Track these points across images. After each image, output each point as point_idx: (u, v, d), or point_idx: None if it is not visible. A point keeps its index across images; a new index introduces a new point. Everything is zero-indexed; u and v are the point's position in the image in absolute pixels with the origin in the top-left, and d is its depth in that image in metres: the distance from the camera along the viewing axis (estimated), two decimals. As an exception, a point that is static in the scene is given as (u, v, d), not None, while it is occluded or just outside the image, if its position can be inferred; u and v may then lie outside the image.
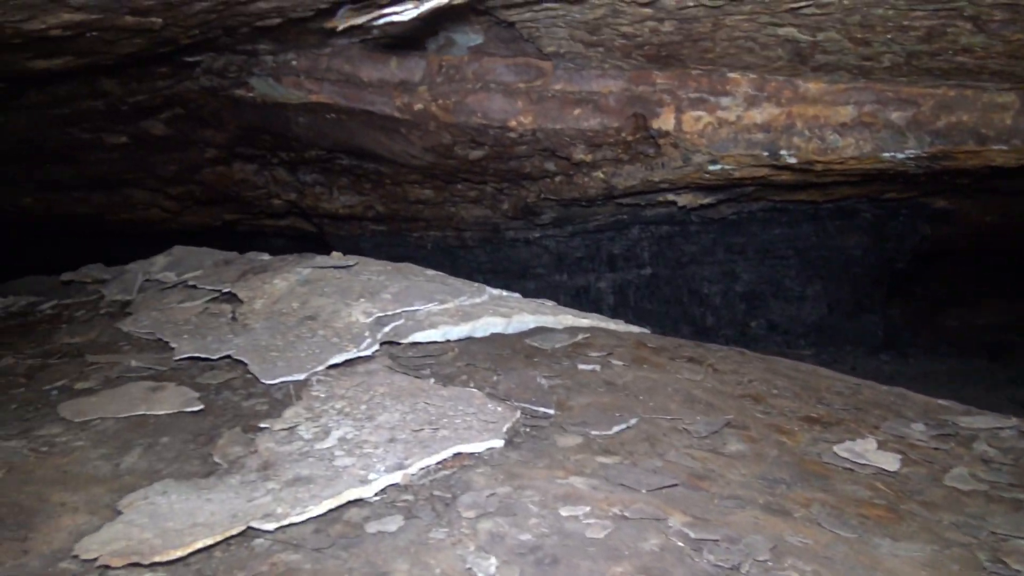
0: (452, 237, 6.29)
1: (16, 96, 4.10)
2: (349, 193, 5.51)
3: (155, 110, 4.51)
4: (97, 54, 3.16)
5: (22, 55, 2.97)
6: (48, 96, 4.24)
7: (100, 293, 3.62)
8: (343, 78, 3.88)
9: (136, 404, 2.28)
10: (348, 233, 6.44)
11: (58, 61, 3.21)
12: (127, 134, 4.79)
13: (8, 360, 2.80)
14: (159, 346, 2.80)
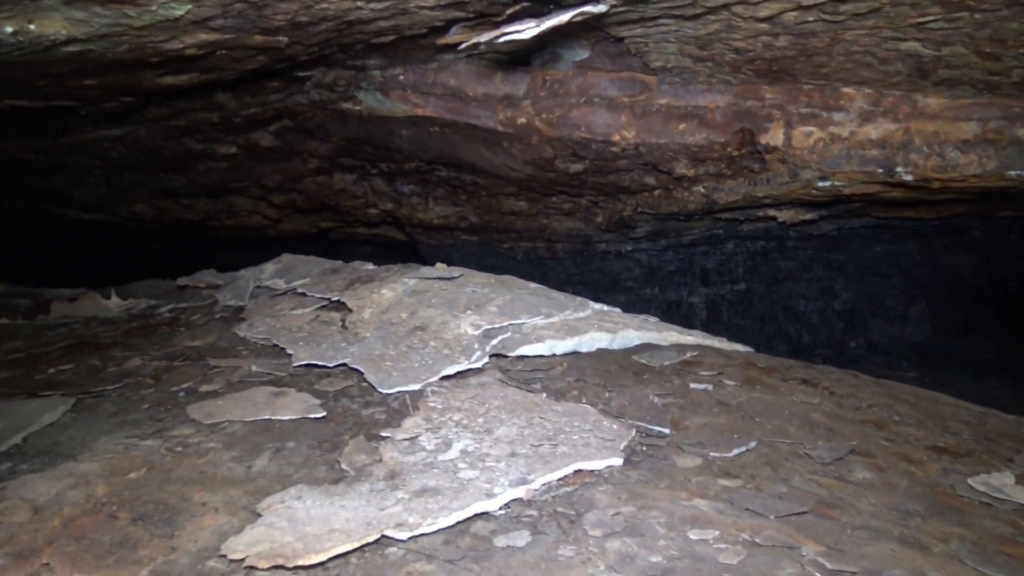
0: (543, 248, 6.31)
1: (140, 110, 4.31)
2: (444, 204, 5.59)
3: (265, 122, 4.68)
4: (221, 70, 3.29)
5: (154, 72, 3.13)
6: (168, 109, 4.46)
7: (214, 298, 3.76)
8: (448, 92, 3.95)
9: (261, 409, 2.36)
10: (439, 243, 6.53)
11: (184, 78, 3.36)
12: (237, 145, 4.98)
13: (136, 361, 2.94)
14: (276, 352, 2.89)
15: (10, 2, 1.93)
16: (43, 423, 2.38)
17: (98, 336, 3.39)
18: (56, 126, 4.62)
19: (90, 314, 3.85)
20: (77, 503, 1.85)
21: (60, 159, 5.18)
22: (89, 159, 5.19)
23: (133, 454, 2.11)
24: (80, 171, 5.43)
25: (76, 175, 5.54)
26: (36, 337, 3.45)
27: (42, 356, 3.13)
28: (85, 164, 5.30)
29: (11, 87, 2.97)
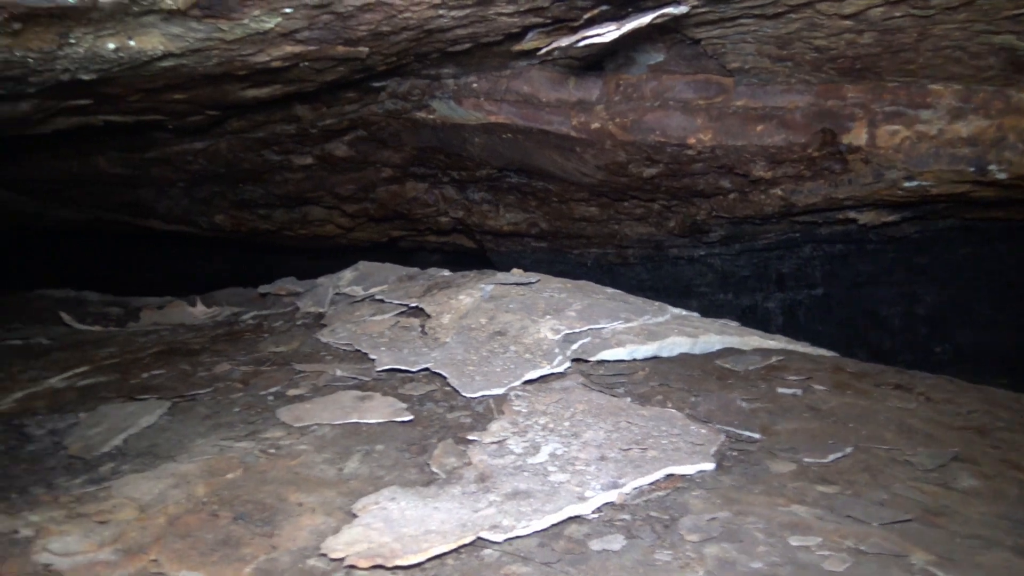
0: (613, 254, 6.27)
1: (221, 123, 4.44)
2: (515, 210, 5.61)
3: (340, 133, 4.77)
4: (302, 82, 3.37)
5: (239, 85, 3.22)
6: (247, 122, 4.58)
7: (295, 305, 3.84)
8: (521, 99, 3.97)
9: (348, 412, 2.40)
10: (509, 250, 6.55)
11: (266, 90, 3.45)
12: (313, 156, 5.09)
13: (224, 366, 3.02)
14: (358, 357, 2.94)
15: (113, 20, 2.02)
16: (142, 425, 2.47)
17: (187, 342, 3.49)
18: (143, 140, 4.79)
19: (177, 321, 3.98)
20: (179, 502, 1.91)
21: (146, 172, 5.37)
22: (172, 172, 5.37)
23: (229, 455, 2.17)
24: (164, 183, 5.63)
25: (160, 187, 5.74)
26: (129, 343, 3.57)
27: (136, 361, 3.24)
28: (168, 177, 5.48)
29: (107, 103, 3.10)
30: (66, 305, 4.68)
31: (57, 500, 2.01)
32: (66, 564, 1.68)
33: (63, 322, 4.12)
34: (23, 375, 3.20)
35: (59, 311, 4.33)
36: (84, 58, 2.19)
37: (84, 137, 4.40)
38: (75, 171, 5.36)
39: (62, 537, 1.76)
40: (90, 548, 1.72)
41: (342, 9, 2.26)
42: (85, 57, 2.19)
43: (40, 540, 1.76)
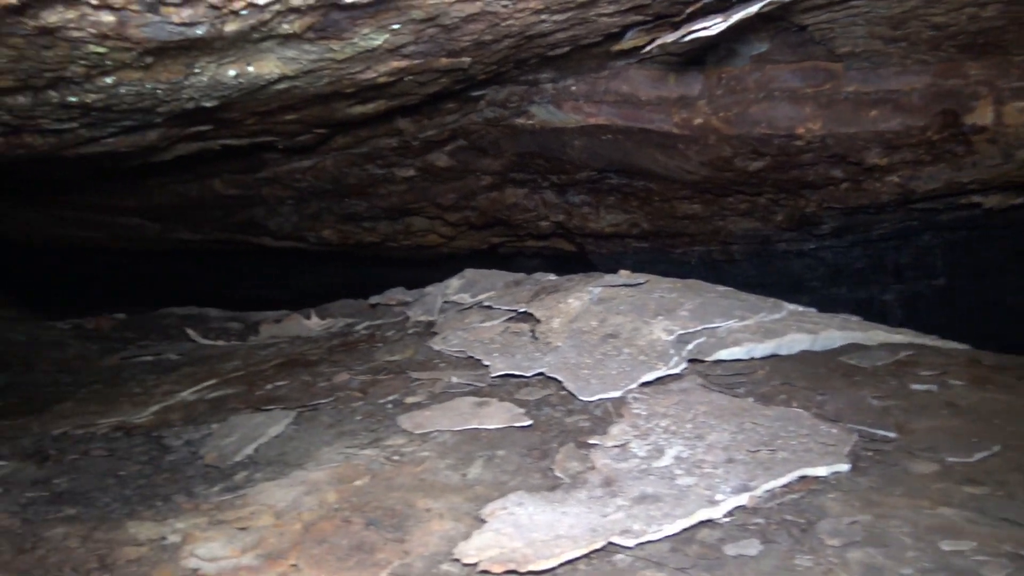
0: (717, 251, 6.14)
1: (327, 141, 4.58)
2: (615, 212, 5.57)
3: (441, 143, 4.84)
4: (405, 96, 3.44)
5: (346, 103, 3.31)
6: (352, 138, 4.70)
7: (405, 314, 3.91)
8: (621, 98, 3.94)
9: (467, 418, 2.42)
10: (609, 251, 6.50)
11: (371, 106, 3.54)
12: (415, 167, 5.19)
13: (343, 376, 3.10)
14: (472, 364, 2.96)
15: (235, 48, 2.11)
16: (270, 435, 2.56)
17: (305, 354, 3.60)
18: (255, 162, 4.99)
19: (294, 334, 4.11)
20: (313, 509, 1.97)
21: (258, 192, 5.60)
22: (282, 190, 5.58)
23: (355, 463, 2.22)
24: (274, 202, 5.85)
25: (270, 206, 5.97)
26: (251, 357, 3.72)
27: (259, 374, 3.36)
28: (278, 195, 5.70)
29: (225, 127, 3.24)
30: (190, 321, 4.92)
31: (198, 507, 2.10)
32: (212, 569, 1.76)
33: (189, 338, 4.33)
34: (157, 389, 3.37)
35: (185, 327, 4.56)
36: (207, 86, 2.31)
37: (201, 162, 4.62)
38: (193, 195, 5.64)
39: (207, 543, 1.84)
40: (233, 553, 1.79)
41: (447, 21, 2.29)
42: (208, 85, 2.30)
43: (187, 546, 1.84)
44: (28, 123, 2.47)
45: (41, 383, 3.83)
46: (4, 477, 2.46)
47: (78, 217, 6.42)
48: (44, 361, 4.28)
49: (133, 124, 2.67)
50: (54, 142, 2.72)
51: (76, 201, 5.95)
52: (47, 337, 4.66)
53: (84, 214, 6.32)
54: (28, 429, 3.01)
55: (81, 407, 3.22)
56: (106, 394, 3.40)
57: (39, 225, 6.42)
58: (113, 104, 2.35)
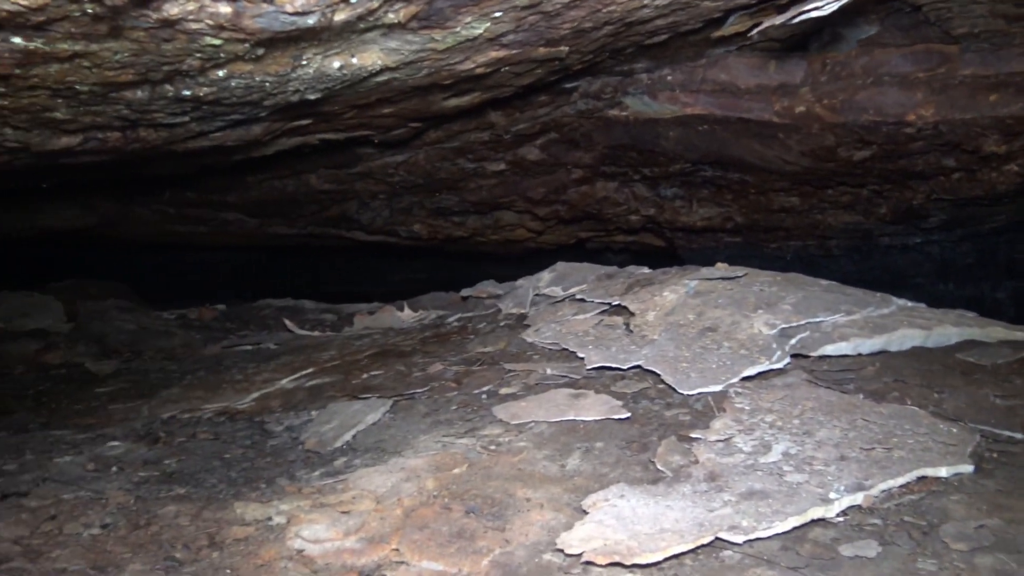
0: (814, 246, 5.94)
1: (420, 135, 4.63)
2: (708, 205, 5.45)
3: (532, 137, 4.84)
4: (500, 88, 3.44)
5: (442, 95, 3.34)
6: (444, 133, 4.75)
7: (496, 307, 3.92)
8: (719, 87, 3.84)
9: (563, 410, 2.40)
10: (700, 246, 6.37)
11: (466, 99, 3.55)
12: (505, 161, 5.20)
13: (437, 366, 3.12)
14: (566, 356, 2.94)
15: (340, 39, 2.15)
16: (368, 422, 2.60)
17: (398, 345, 3.65)
18: (350, 157, 5.09)
19: (387, 325, 4.17)
20: (412, 495, 1.98)
21: (351, 187, 5.72)
22: (375, 185, 5.68)
23: (452, 451, 2.23)
24: (367, 196, 5.97)
25: (363, 200, 6.09)
26: (346, 347, 3.78)
27: (355, 363, 3.42)
28: (371, 190, 5.80)
29: (324, 121, 3.31)
30: (287, 313, 5.05)
31: (301, 491, 2.14)
32: (316, 550, 1.79)
33: (287, 328, 4.45)
34: (257, 376, 3.47)
35: (282, 318, 4.69)
36: (312, 78, 2.36)
37: (298, 157, 4.75)
38: (290, 190, 5.79)
39: (311, 525, 1.88)
40: (337, 536, 1.82)
41: (549, 8, 2.27)
42: (313, 77, 2.35)
43: (292, 527, 1.88)
44: (144, 117, 2.57)
45: (149, 369, 3.99)
46: (118, 457, 2.57)
47: (181, 213, 6.69)
48: (151, 349, 4.47)
49: (240, 118, 2.75)
50: (166, 136, 2.83)
51: (180, 198, 6.20)
52: (154, 326, 4.86)
53: (187, 210, 6.59)
54: (139, 412, 3.15)
55: (187, 392, 3.34)
56: (210, 381, 3.51)
57: (147, 221, 6.71)
58: (223, 97, 2.42)
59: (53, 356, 4.35)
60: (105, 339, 4.58)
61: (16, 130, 2.43)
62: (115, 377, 3.84)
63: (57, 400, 3.49)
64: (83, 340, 4.54)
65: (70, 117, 2.41)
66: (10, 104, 2.18)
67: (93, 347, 4.46)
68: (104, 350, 4.45)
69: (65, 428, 3.02)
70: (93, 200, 6.21)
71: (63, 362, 4.27)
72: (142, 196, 6.26)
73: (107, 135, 2.65)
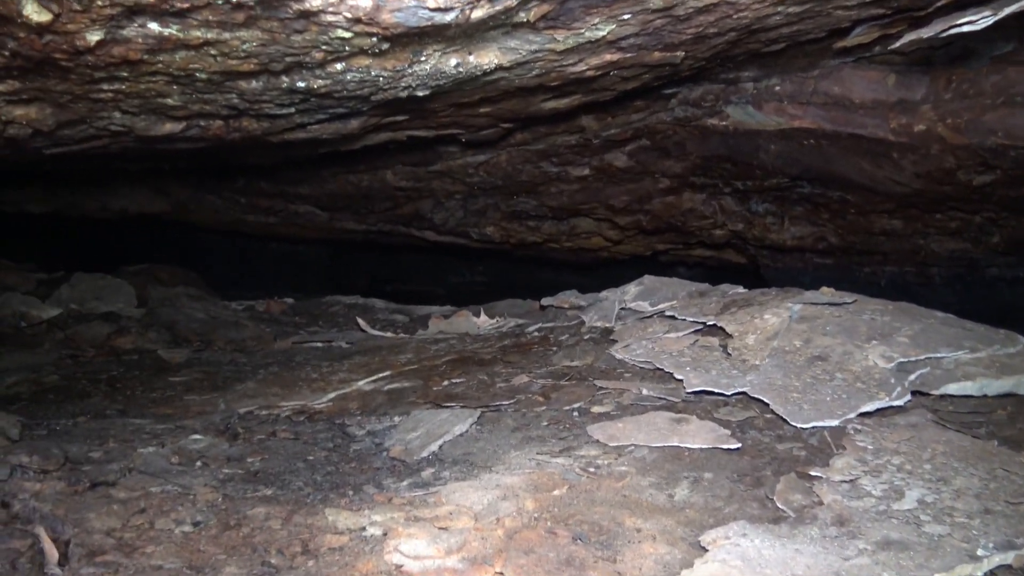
0: (912, 273, 5.76)
1: (508, 136, 4.62)
2: (802, 223, 5.33)
3: (622, 143, 4.80)
4: (602, 91, 3.41)
5: (543, 97, 3.32)
6: (531, 135, 4.73)
7: (579, 319, 3.87)
8: (831, 100, 3.74)
9: (665, 434, 2.35)
10: (786, 266, 6.23)
11: (565, 101, 3.53)
12: (591, 167, 5.17)
13: (522, 378, 3.09)
14: (661, 376, 2.88)
15: (463, 37, 2.14)
16: (455, 433, 2.57)
17: (476, 352, 3.62)
18: (431, 155, 5.11)
19: (463, 331, 4.16)
20: (512, 515, 1.95)
21: (428, 185, 5.75)
22: (452, 184, 5.70)
23: (549, 471, 2.19)
24: (443, 196, 5.99)
25: (439, 200, 6.11)
26: (422, 351, 3.78)
27: (433, 368, 3.41)
28: (448, 189, 5.82)
29: (420, 118, 3.32)
30: (356, 311, 5.08)
31: (391, 501, 2.13)
32: (416, 567, 1.77)
33: (359, 327, 4.46)
34: (333, 376, 3.48)
35: (354, 316, 4.72)
36: (426, 75, 2.35)
37: (379, 153, 4.78)
38: (365, 184, 5.85)
39: (410, 540, 1.85)
40: (437, 554, 1.80)
41: (680, 12, 2.23)
42: (428, 74, 2.34)
43: (390, 540, 1.87)
44: (252, 107, 2.60)
45: (221, 361, 4.04)
46: (201, 452, 2.59)
47: (252, 203, 6.81)
48: (221, 339, 4.53)
49: (343, 111, 2.77)
50: (267, 127, 2.86)
51: (253, 187, 6.31)
52: (224, 316, 4.93)
53: (258, 200, 6.70)
54: (215, 406, 3.18)
55: (262, 388, 3.36)
56: (284, 377, 3.53)
57: (218, 209, 6.85)
58: (335, 91, 2.43)
59: (125, 340, 4.44)
60: (176, 327, 4.67)
61: (124, 114, 2.48)
62: (188, 367, 3.90)
63: (132, 387, 3.55)
64: (154, 326, 4.63)
65: (181, 104, 2.45)
66: (127, 88, 2.22)
67: (164, 334, 4.54)
68: (175, 338, 4.53)
69: (143, 417, 3.06)
70: (166, 185, 6.37)
71: (135, 347, 4.35)
72: (214, 183, 6.39)
73: (210, 123, 2.69)
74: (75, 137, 2.72)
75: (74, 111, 2.43)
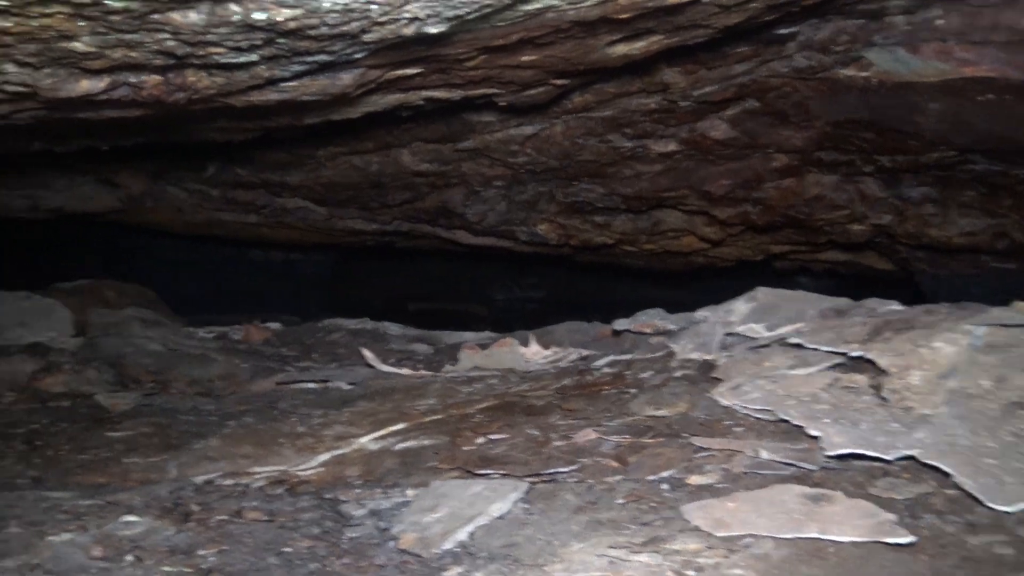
0: None
1: (562, 98, 4.50)
2: (974, 213, 5.20)
3: (720, 105, 4.76)
4: (693, 29, 3.32)
5: (608, 37, 3.22)
6: (593, 96, 4.67)
7: (667, 348, 3.78)
8: (1018, 38, 3.54)
9: (798, 521, 2.16)
10: (951, 272, 6.13)
11: (639, 44, 3.43)
12: (677, 139, 5.14)
13: (588, 434, 2.95)
14: (787, 431, 2.74)
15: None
16: (492, 514, 2.45)
17: (525, 396, 3.55)
18: (458, 126, 5.04)
19: (507, 365, 4.10)
20: (576, 643, 1.77)
21: (457, 168, 5.71)
22: (490, 167, 5.64)
23: (627, 574, 2.01)
24: (478, 182, 5.95)
25: (472, 188, 6.08)
26: (450, 394, 3.69)
27: (464, 419, 3.32)
28: (485, 174, 5.78)
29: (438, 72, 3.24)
30: (363, 338, 5.05)
31: (399, 621, 1.98)
32: None
33: (365, 361, 4.39)
34: (326, 430, 3.41)
35: (359, 347, 4.65)
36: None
37: (390, 124, 4.68)
38: (374, 169, 5.82)
39: None
40: None
41: None
42: (441, 0, 2.20)
43: None
44: (195, 53, 2.48)
45: (178, 408, 4.03)
46: (135, 540, 2.51)
47: (227, 197, 6.82)
48: (181, 379, 4.54)
49: (327, 59, 2.65)
50: (222, 83, 2.75)
51: (227, 176, 6.29)
52: (186, 347, 4.91)
53: (235, 192, 6.72)
54: (164, 471, 3.14)
55: (230, 447, 3.29)
56: (260, 432, 3.49)
57: (182, 206, 6.86)
58: (311, 25, 2.28)
59: (54, 382, 4.44)
60: (122, 362, 4.67)
61: (21, 67, 2.36)
62: (133, 417, 3.89)
63: (56, 444, 3.52)
64: (94, 362, 4.63)
65: (95, 50, 2.34)
66: (14, 27, 2.08)
67: (106, 372, 4.54)
68: (120, 377, 4.54)
69: (65, 488, 2.98)
70: (115, 175, 6.37)
71: (67, 391, 4.36)
72: (177, 172, 6.40)
73: (142, 79, 2.59)
74: (-40, 104, 2.62)
75: (-52, 63, 2.31)
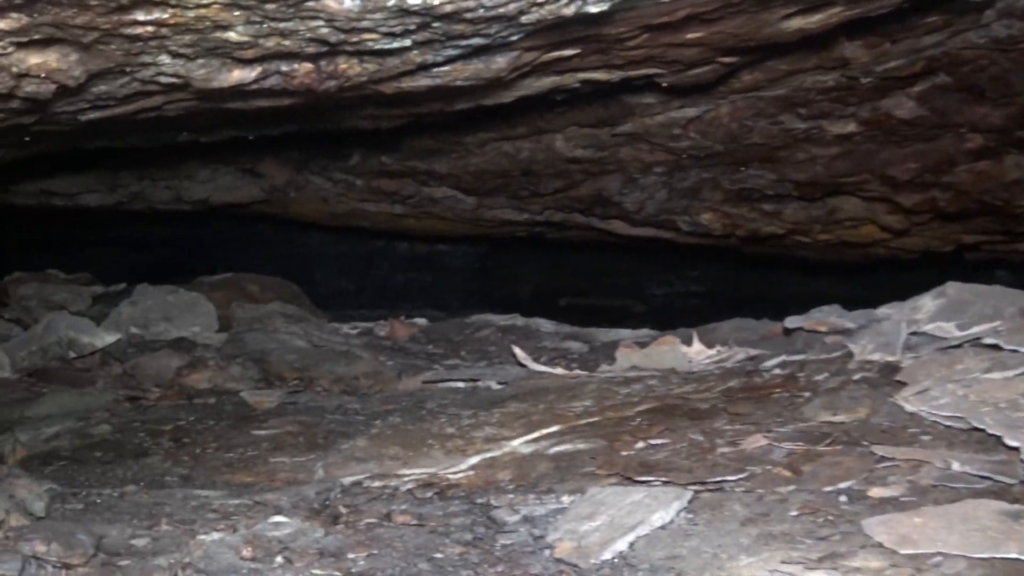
0: None
1: (728, 78, 4.49)
2: None
3: (906, 81, 4.67)
4: (874, 0, 3.20)
5: (784, 10, 3.17)
6: (763, 75, 4.64)
7: (845, 348, 3.70)
8: None
9: (995, 539, 2.10)
10: None
11: (817, 18, 3.41)
12: (857, 120, 5.05)
13: (757, 440, 2.94)
14: (980, 440, 2.67)
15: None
16: (653, 524, 2.46)
17: (687, 398, 3.54)
18: (616, 109, 5.06)
19: (668, 365, 4.07)
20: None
21: (614, 154, 5.73)
22: (650, 153, 5.65)
23: (802, 591, 2.00)
24: (637, 170, 5.95)
25: (630, 175, 6.08)
26: (606, 396, 3.70)
27: (622, 423, 3.33)
28: (644, 160, 5.78)
29: (597, 52, 3.26)
30: (514, 336, 5.09)
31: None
32: None
33: (516, 360, 4.44)
34: (476, 432, 3.47)
35: (509, 344, 4.70)
36: (604, -26, 2.24)
37: (541, 110, 4.73)
38: (524, 156, 5.88)
39: None
40: None
41: None
42: (605, -27, 2.23)
43: None
44: (348, 40, 2.55)
45: (324, 407, 4.15)
46: (284, 541, 2.59)
47: (371, 186, 6.98)
48: (326, 377, 4.66)
49: (482, 43, 2.69)
50: (374, 70, 2.82)
51: (371, 165, 6.44)
52: (331, 344, 5.06)
53: (379, 182, 6.87)
54: (311, 472, 3.26)
55: (377, 447, 3.40)
56: (408, 432, 3.57)
57: (326, 196, 7.06)
58: (467, 8, 2.33)
59: (199, 378, 4.63)
60: (267, 359, 4.83)
61: (176, 58, 2.48)
62: (279, 415, 4.03)
63: (202, 442, 3.70)
64: (238, 358, 4.82)
65: (249, 39, 2.43)
66: (170, 18, 2.20)
67: (251, 368, 4.71)
68: (265, 374, 4.70)
69: (213, 487, 3.15)
70: (258, 164, 6.60)
71: (212, 387, 4.55)
72: (321, 161, 6.58)
73: (294, 67, 2.67)
74: (115, 95, 2.74)
75: (107, 56, 2.44)
